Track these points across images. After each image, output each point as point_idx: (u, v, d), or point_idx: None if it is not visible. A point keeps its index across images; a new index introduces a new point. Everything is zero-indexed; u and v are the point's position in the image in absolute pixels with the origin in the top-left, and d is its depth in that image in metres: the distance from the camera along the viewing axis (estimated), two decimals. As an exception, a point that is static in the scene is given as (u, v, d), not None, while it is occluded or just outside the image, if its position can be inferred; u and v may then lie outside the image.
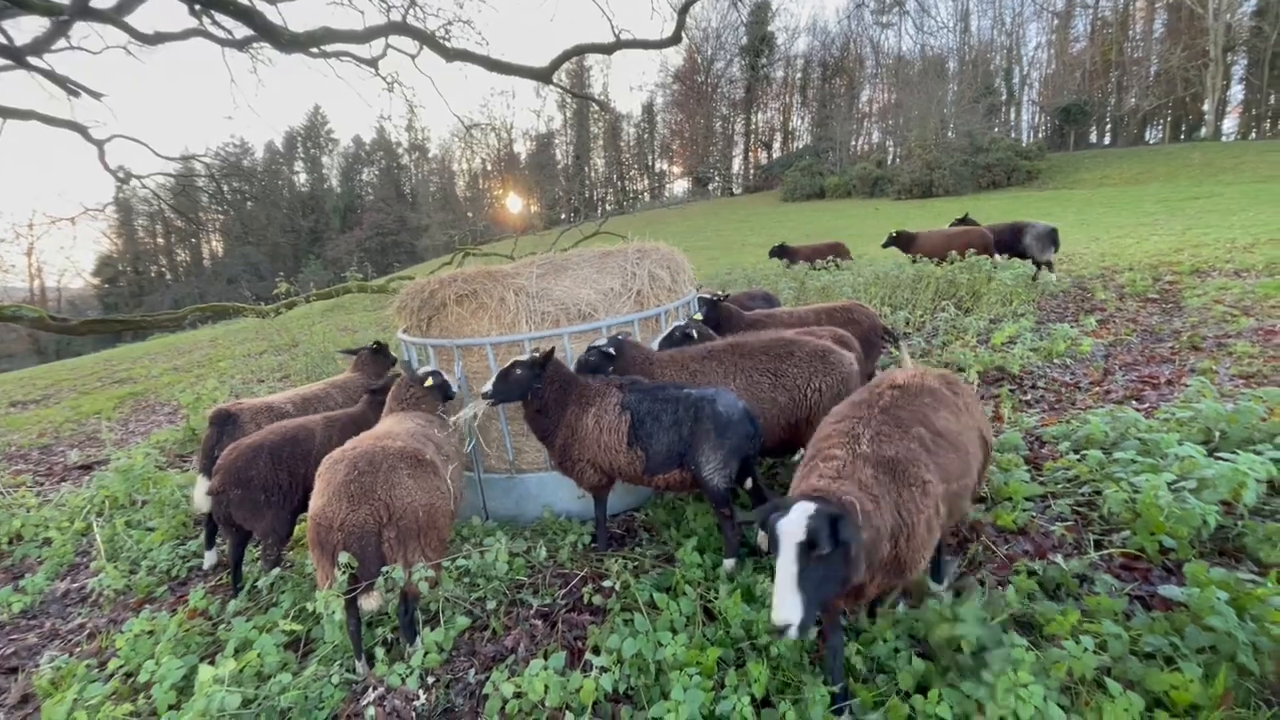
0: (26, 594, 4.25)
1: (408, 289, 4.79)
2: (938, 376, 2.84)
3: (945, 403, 2.68)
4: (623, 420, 3.46)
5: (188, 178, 22.56)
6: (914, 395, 2.63)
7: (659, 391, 3.53)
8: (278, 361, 10.85)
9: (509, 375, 3.59)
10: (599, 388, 3.61)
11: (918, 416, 2.52)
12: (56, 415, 9.89)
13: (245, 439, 3.80)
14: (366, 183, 68.58)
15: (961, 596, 2.77)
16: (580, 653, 2.92)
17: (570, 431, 3.57)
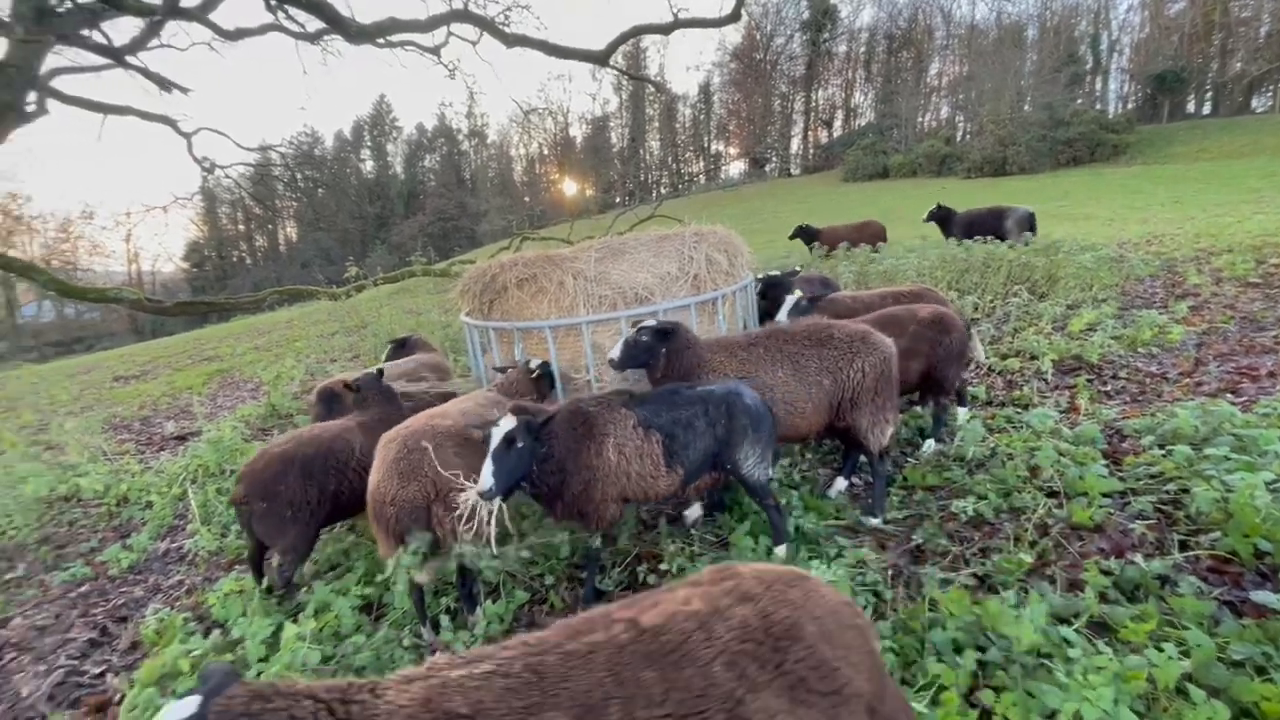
0: (133, 551, 4.68)
1: (470, 273, 4.93)
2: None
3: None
4: (651, 440, 3.10)
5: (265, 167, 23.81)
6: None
7: (673, 397, 3.24)
8: (348, 342, 11.40)
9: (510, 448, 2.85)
10: (600, 414, 3.12)
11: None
12: (154, 390, 10.74)
13: (279, 448, 3.55)
14: (428, 169, 70.47)
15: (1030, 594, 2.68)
16: (635, 630, 2.98)
17: (588, 473, 3.03)
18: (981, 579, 3.03)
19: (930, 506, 3.74)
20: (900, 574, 3.16)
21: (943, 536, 3.40)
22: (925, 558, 3.29)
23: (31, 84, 13.36)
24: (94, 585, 4.38)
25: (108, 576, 4.48)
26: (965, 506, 3.51)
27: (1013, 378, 5.61)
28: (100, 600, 4.20)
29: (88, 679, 3.46)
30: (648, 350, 3.86)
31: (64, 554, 4.89)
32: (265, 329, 17.43)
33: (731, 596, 1.64)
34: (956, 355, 4.38)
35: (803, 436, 3.97)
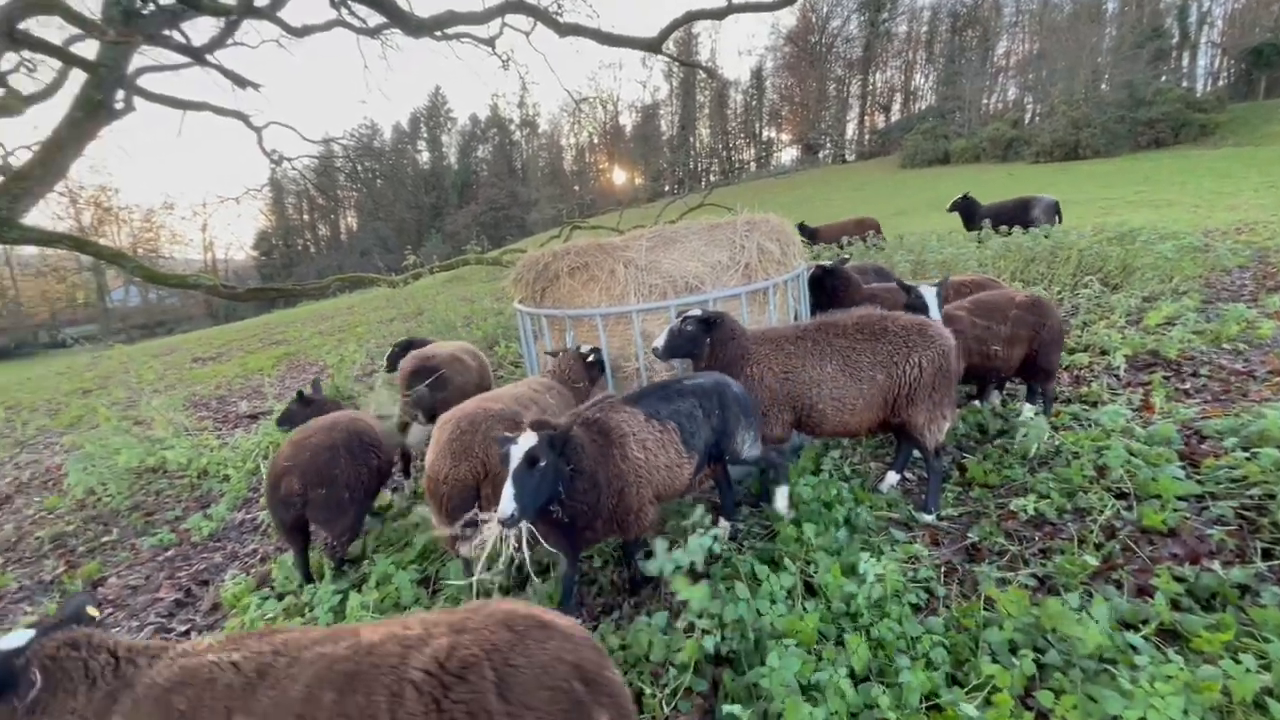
0: (212, 520, 5.02)
1: (523, 261, 5.03)
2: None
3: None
4: (668, 428, 3.10)
5: (327, 159, 24.74)
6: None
7: (666, 392, 3.23)
8: (405, 328, 11.82)
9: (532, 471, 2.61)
10: (612, 416, 3.02)
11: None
12: (228, 370, 11.42)
13: (313, 438, 3.67)
14: (481, 159, 71.78)
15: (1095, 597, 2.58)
16: (681, 614, 3.02)
17: (620, 479, 2.90)
18: (1041, 580, 2.93)
19: (988, 504, 3.63)
20: (954, 571, 3.09)
21: (1000, 535, 3.30)
22: (981, 555, 3.20)
23: (120, 83, 14.26)
24: (178, 550, 4.73)
25: (190, 543, 4.82)
26: (1025, 505, 3.39)
27: (1080, 373, 5.35)
28: (184, 564, 4.53)
29: (174, 636, 3.75)
30: (692, 339, 3.86)
31: (152, 520, 5.29)
32: (328, 314, 18.23)
33: (446, 627, 1.63)
34: (1058, 339, 4.38)
35: (853, 433, 3.91)
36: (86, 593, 1.89)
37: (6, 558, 5.08)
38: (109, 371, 13.52)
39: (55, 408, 10.86)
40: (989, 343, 4.31)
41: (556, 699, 1.50)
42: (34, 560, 4.94)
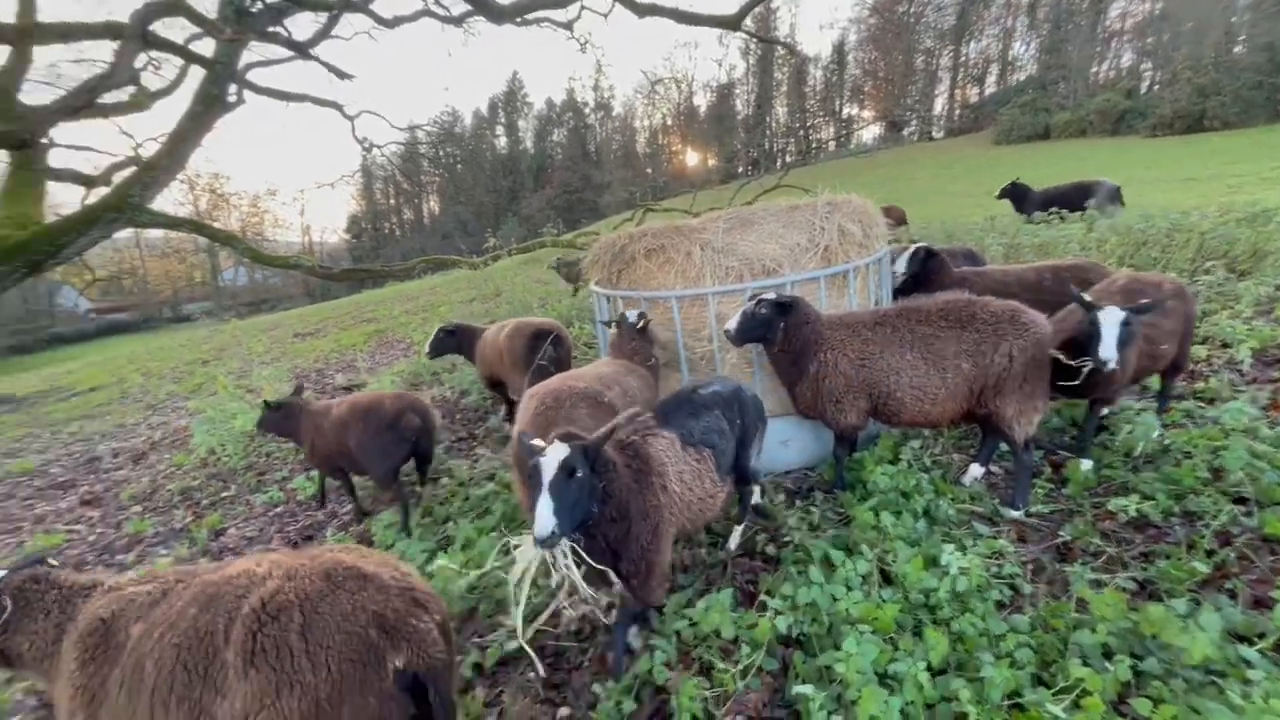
0: (314, 482, 5.46)
1: (600, 243, 5.12)
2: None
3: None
4: (704, 456, 2.86)
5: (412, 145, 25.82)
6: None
7: (689, 405, 2.98)
8: (485, 308, 12.29)
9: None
10: (652, 444, 2.72)
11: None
12: (325, 345, 12.28)
13: (406, 399, 4.57)
14: (556, 143, 72.80)
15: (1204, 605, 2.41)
16: (752, 596, 3.06)
17: (656, 514, 2.56)
18: (1141, 585, 2.76)
19: (1083, 503, 3.42)
20: (1043, 569, 2.96)
21: (1095, 535, 3.12)
22: (1073, 555, 3.04)
23: (232, 78, 15.43)
24: (286, 508, 5.19)
25: (296, 501, 5.28)
26: (1126, 505, 3.17)
27: (1197, 367, 4.91)
28: (291, 520, 4.97)
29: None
30: (765, 324, 3.82)
31: (264, 480, 5.82)
32: (413, 295, 19.19)
33: (283, 571, 1.92)
34: (1193, 329, 4.09)
35: (934, 424, 3.77)
36: (40, 555, 2.37)
37: (144, 506, 5.74)
38: (223, 344, 14.86)
39: (180, 375, 12.05)
40: (1159, 342, 3.77)
41: (350, 641, 1.78)
42: (166, 510, 5.56)
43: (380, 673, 1.79)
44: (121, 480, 6.57)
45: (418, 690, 1.87)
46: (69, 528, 5.46)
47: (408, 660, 1.82)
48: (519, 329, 5.60)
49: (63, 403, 11.49)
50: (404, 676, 1.82)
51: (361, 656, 1.78)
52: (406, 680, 1.83)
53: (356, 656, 1.77)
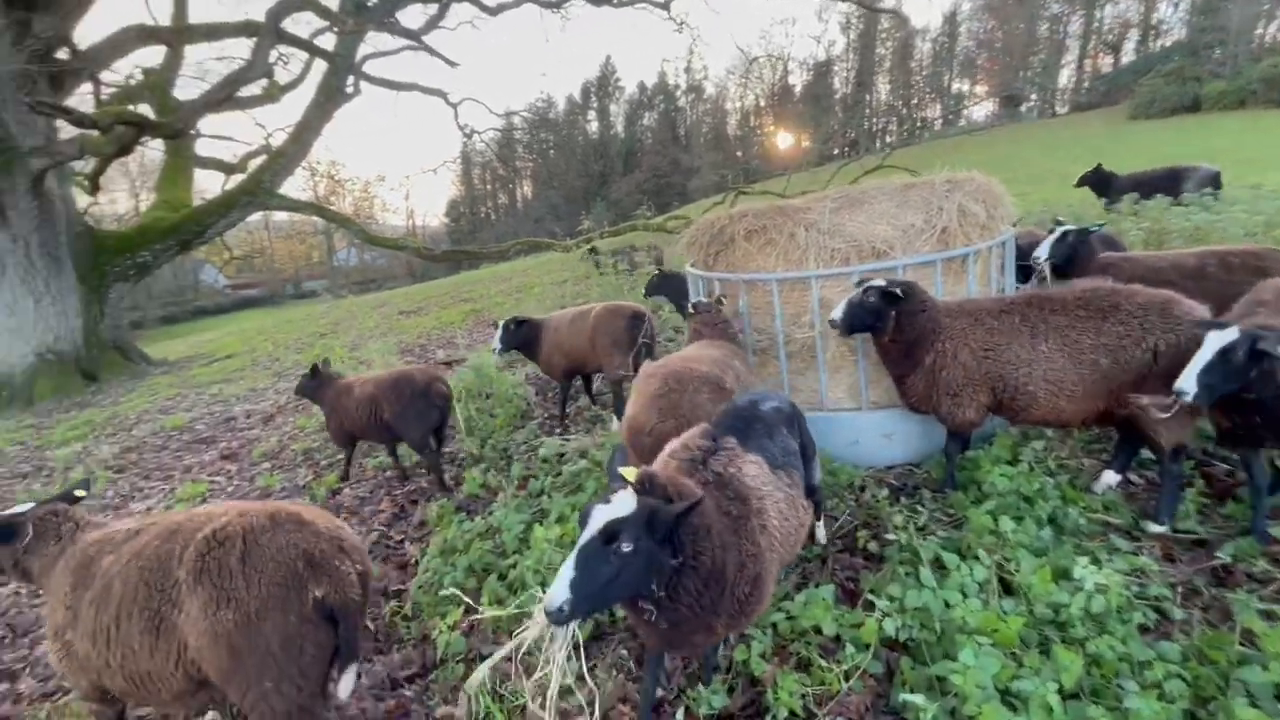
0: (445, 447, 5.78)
1: (698, 224, 5.03)
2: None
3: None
4: (794, 479, 2.47)
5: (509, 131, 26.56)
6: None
7: (755, 422, 2.55)
8: (575, 290, 12.52)
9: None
10: (736, 476, 2.23)
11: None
12: (427, 323, 12.97)
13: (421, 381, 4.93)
14: (646, 127, 72.69)
15: None
16: (853, 593, 2.92)
17: (758, 561, 2.11)
18: (1325, 621, 2.38)
19: (1246, 522, 3.00)
20: (1196, 594, 2.62)
21: (1262, 558, 2.73)
22: (1234, 580, 2.67)
23: (350, 69, 16.53)
24: (394, 472, 5.52)
25: (402, 467, 5.60)
26: (1305, 528, 2.75)
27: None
28: (399, 485, 5.29)
29: (393, 543, 4.42)
30: (874, 312, 3.60)
31: (373, 446, 6.23)
32: (506, 276, 19.89)
33: (236, 513, 2.26)
34: None
35: (1066, 423, 3.44)
36: (85, 480, 3.01)
37: (272, 464, 6.31)
38: (338, 319, 16.07)
39: (302, 346, 13.16)
40: None
41: (279, 569, 2.13)
42: (290, 468, 6.08)
43: (302, 598, 2.14)
44: (254, 439, 7.25)
45: (335, 622, 2.22)
46: (211, 479, 6.10)
47: (326, 593, 2.17)
48: (616, 310, 5.63)
49: (205, 367, 12.87)
50: (322, 606, 2.17)
51: (287, 583, 2.13)
52: (325, 610, 2.18)
53: (283, 582, 2.13)
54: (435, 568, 3.63)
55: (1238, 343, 2.56)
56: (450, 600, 3.40)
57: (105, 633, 2.23)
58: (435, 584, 3.52)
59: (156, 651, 2.19)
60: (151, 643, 2.19)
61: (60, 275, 12.25)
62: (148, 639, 2.19)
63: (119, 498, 6.09)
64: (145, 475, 6.69)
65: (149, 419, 9.08)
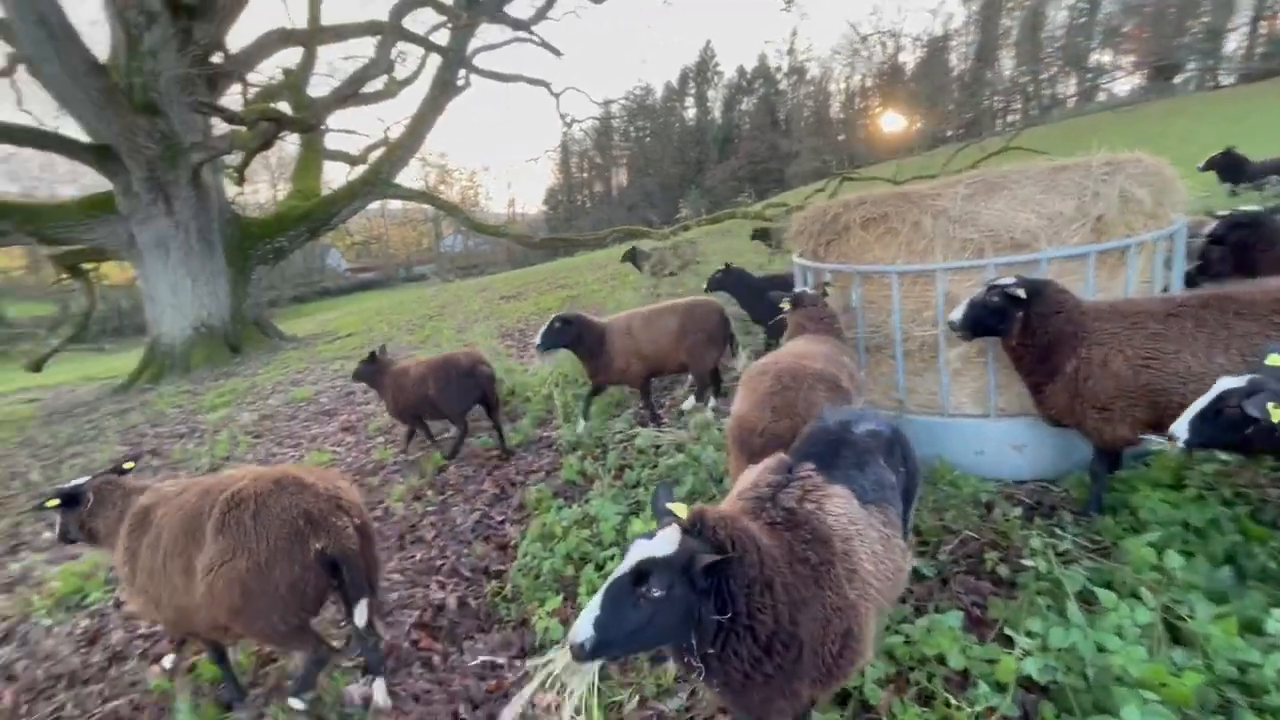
0: (519, 434, 5.94)
1: (808, 212, 4.77)
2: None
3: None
4: (890, 516, 2.10)
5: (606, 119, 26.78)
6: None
7: (843, 449, 2.16)
8: (672, 280, 12.43)
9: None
10: (813, 514, 1.90)
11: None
12: (525, 308, 13.37)
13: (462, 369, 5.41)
14: (744, 112, 71.05)
15: None
16: (980, 621, 2.65)
17: (844, 616, 1.81)
18: None
19: None
20: None
21: None
22: None
23: (461, 63, 17.25)
24: (498, 454, 5.69)
25: (494, 453, 5.77)
26: None
27: None
28: (501, 466, 5.45)
29: (494, 523, 4.55)
30: (999, 314, 3.25)
31: (478, 426, 6.48)
32: (602, 263, 20.14)
33: (251, 478, 2.69)
34: None
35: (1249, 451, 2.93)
36: (134, 454, 3.55)
37: (386, 438, 6.72)
38: (445, 302, 16.96)
39: (413, 327, 13.99)
40: None
41: (285, 525, 2.54)
42: (401, 442, 6.44)
43: (304, 550, 2.54)
44: (370, 413, 7.77)
45: (337, 569, 2.61)
46: (333, 449, 6.59)
47: (325, 545, 2.56)
48: (707, 307, 5.52)
49: (329, 344, 13.99)
50: (323, 556, 2.56)
51: (291, 536, 2.53)
52: (326, 560, 2.57)
53: (288, 536, 2.53)
54: (534, 552, 3.69)
55: (1233, 394, 2.20)
56: (549, 586, 3.45)
57: (157, 571, 2.72)
58: (534, 569, 3.58)
59: (191, 588, 2.62)
60: (186, 581, 2.63)
61: (213, 258, 13.71)
62: (184, 578, 2.64)
63: (256, 461, 6.72)
64: (278, 441, 7.34)
65: (281, 390, 9.98)
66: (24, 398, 14.63)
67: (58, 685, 3.44)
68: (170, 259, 13.20)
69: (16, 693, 3.43)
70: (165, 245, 13.10)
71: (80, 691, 3.35)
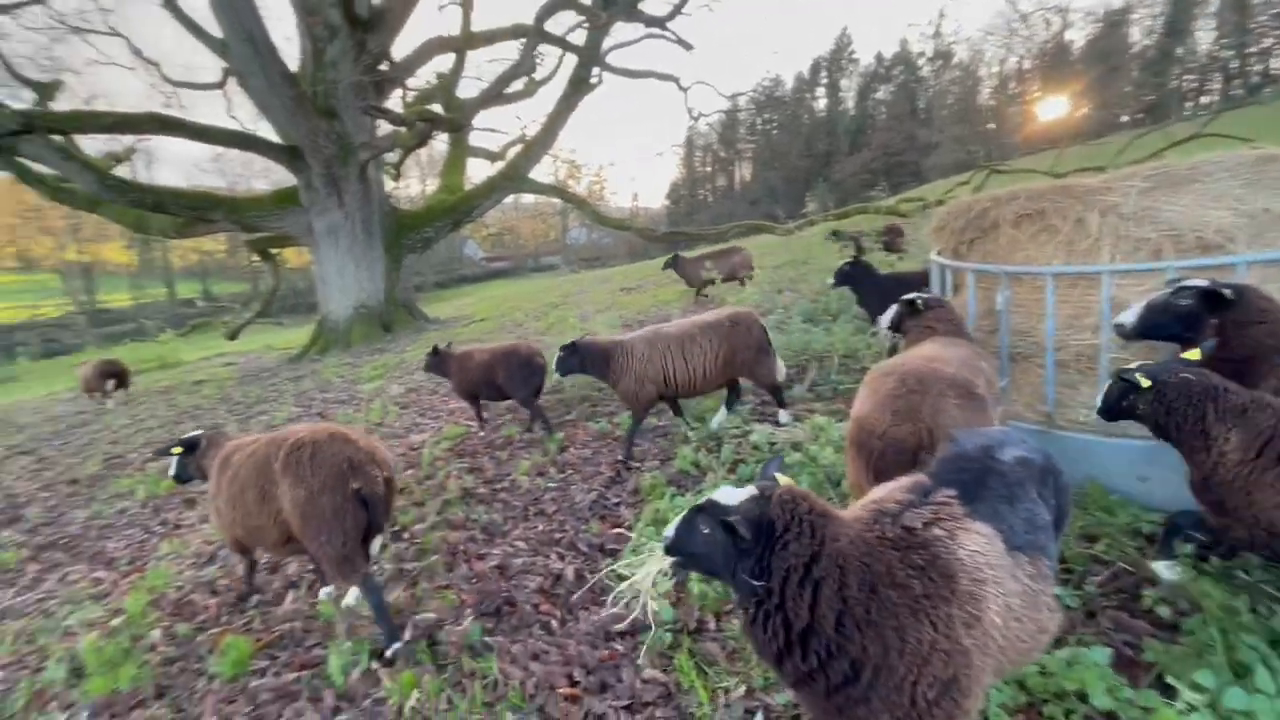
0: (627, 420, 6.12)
1: (951, 207, 4.50)
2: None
3: None
4: (1040, 568, 1.86)
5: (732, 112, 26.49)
6: None
7: (1004, 477, 1.93)
8: (789, 276, 12.14)
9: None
10: (938, 543, 1.73)
11: None
12: (645, 300, 13.65)
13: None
14: (880, 101, 67.16)
15: None
16: (1133, 662, 2.40)
17: (954, 660, 1.65)
18: None
19: None
20: None
21: None
22: None
23: (595, 61, 17.86)
24: (614, 439, 5.92)
25: (616, 436, 5.99)
26: None
27: None
28: (616, 450, 5.67)
29: (609, 504, 4.75)
30: (1183, 319, 2.86)
31: (596, 411, 6.76)
32: (721, 258, 20.05)
33: (310, 429, 3.43)
34: None
35: None
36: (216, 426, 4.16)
37: (513, 417, 7.20)
38: (568, 292, 17.74)
39: (539, 314, 14.80)
40: None
41: (332, 468, 3.24)
42: (526, 422, 6.88)
43: (345, 487, 3.24)
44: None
45: (369, 508, 3.31)
46: (467, 422, 7.18)
47: (360, 486, 3.27)
48: (749, 319, 5.29)
49: (465, 327, 15.17)
50: (359, 494, 3.26)
51: (336, 476, 3.24)
52: (360, 497, 3.27)
53: (334, 475, 3.24)
54: (648, 535, 3.82)
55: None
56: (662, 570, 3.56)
57: (235, 498, 3.52)
58: (647, 550, 3.70)
59: (262, 512, 3.41)
60: (259, 506, 3.41)
61: (372, 246, 15.34)
62: (257, 504, 3.42)
63: (402, 429, 7.48)
64: (421, 413, 8.11)
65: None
66: (223, 361, 17.29)
67: (248, 602, 4.09)
68: (339, 245, 14.94)
69: (218, 605, 4.13)
70: (336, 233, 14.85)
71: (265, 610, 3.96)
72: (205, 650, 3.62)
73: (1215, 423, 2.41)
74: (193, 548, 5.14)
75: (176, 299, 46.61)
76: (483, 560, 4.16)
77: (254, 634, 3.71)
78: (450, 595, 3.74)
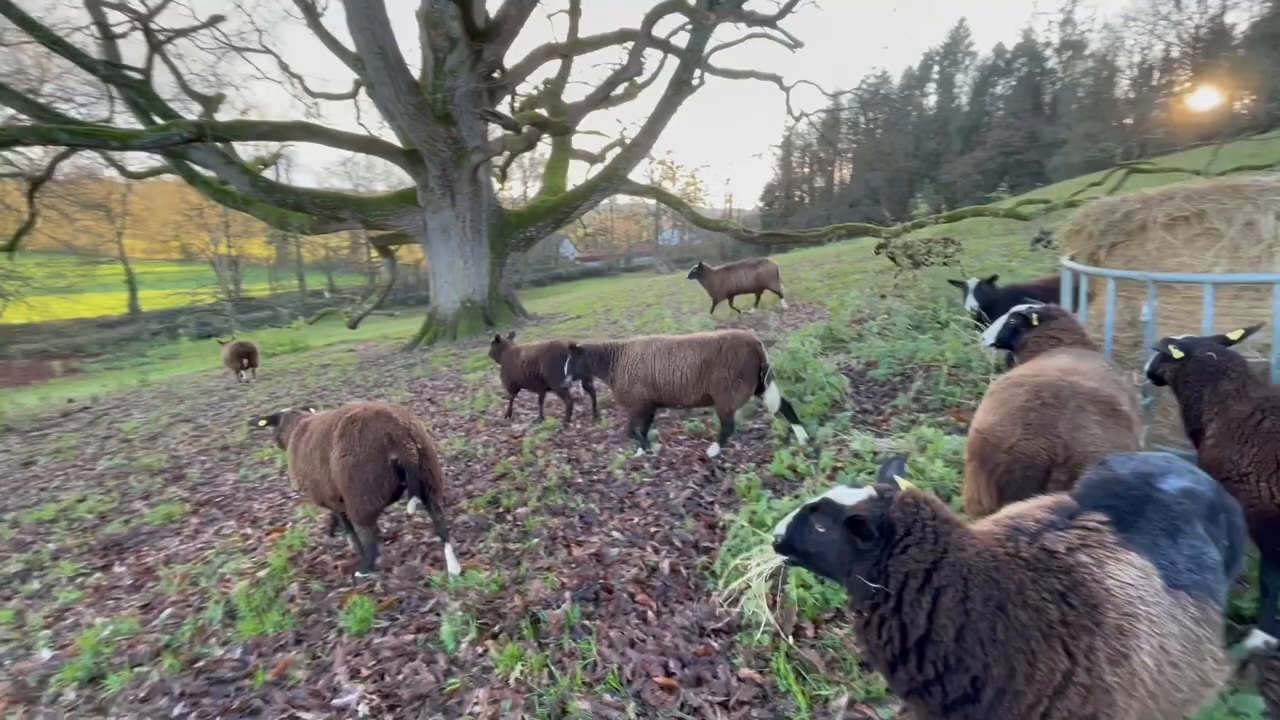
0: (691, 421, 6.11)
1: (1090, 209, 4.16)
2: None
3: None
4: (1208, 611, 1.66)
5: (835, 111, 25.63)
6: None
7: (1149, 506, 1.74)
8: (895, 281, 11.60)
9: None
10: (1083, 572, 1.61)
11: None
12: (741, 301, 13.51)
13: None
14: (999, 97, 62.57)
15: None
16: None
17: (1095, 699, 1.58)
18: None
19: None
20: None
21: None
22: None
23: (697, 62, 17.89)
24: (708, 438, 5.94)
25: (709, 436, 6.00)
26: None
27: None
28: (679, 439, 5.68)
29: (704, 503, 4.78)
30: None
31: (690, 410, 6.81)
32: (818, 261, 19.49)
33: (361, 407, 4.16)
34: None
35: None
36: (305, 404, 5.24)
37: (607, 411, 7.38)
38: (661, 292, 17.89)
39: (633, 313, 15.05)
40: None
41: (375, 441, 3.96)
42: (614, 415, 7.03)
43: (384, 457, 3.95)
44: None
45: (403, 475, 3.99)
46: (553, 415, 7.45)
47: (398, 457, 3.96)
48: (737, 341, 5.34)
49: (562, 324, 15.69)
50: (396, 464, 3.96)
51: (378, 447, 3.95)
52: (398, 467, 3.97)
53: (375, 446, 3.95)
54: (744, 536, 3.82)
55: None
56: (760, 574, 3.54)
57: (308, 457, 4.24)
58: (743, 551, 3.70)
59: (322, 469, 4.12)
60: (322, 466, 4.12)
61: (480, 244, 16.21)
62: (321, 464, 4.13)
63: (504, 418, 7.87)
64: (520, 404, 8.49)
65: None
66: (345, 347, 18.91)
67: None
68: (450, 243, 15.91)
69: (344, 568, 4.55)
70: (448, 232, 15.82)
71: (386, 576, 4.32)
72: (335, 606, 4.01)
73: (1206, 406, 2.66)
74: (323, 514, 5.68)
75: (306, 290, 51.67)
76: (581, 547, 4.32)
77: (375, 596, 4.06)
78: (551, 577, 3.91)
